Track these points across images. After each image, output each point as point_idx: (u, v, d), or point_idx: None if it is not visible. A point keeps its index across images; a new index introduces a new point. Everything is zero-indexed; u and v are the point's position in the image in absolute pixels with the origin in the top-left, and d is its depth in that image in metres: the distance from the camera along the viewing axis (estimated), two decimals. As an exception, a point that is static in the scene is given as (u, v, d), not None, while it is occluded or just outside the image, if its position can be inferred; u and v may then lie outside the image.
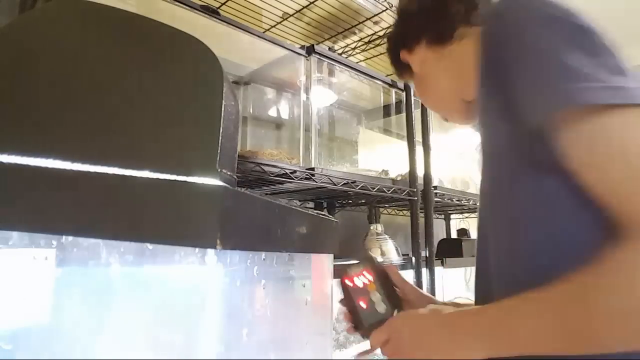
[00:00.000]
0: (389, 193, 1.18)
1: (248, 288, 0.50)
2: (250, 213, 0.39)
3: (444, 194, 1.39)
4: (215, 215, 0.34)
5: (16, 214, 0.31)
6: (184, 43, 0.40)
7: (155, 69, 0.40)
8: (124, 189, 0.33)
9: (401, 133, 1.42)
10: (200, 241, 0.35)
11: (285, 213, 0.47)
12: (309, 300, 0.59)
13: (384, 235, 1.37)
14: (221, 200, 0.34)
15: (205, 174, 0.35)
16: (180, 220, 0.33)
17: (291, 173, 0.93)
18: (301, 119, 1.10)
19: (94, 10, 0.40)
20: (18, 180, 0.31)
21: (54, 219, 0.31)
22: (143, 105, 0.38)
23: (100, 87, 0.37)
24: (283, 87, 1.29)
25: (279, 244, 0.45)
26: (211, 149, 0.36)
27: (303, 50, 1.09)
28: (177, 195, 0.34)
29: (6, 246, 0.33)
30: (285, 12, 1.31)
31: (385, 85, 1.39)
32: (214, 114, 0.38)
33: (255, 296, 0.52)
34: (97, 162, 0.33)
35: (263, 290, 0.51)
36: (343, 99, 1.46)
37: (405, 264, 1.25)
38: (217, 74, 0.39)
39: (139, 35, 0.41)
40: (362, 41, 1.51)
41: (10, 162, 0.31)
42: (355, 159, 1.57)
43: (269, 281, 0.52)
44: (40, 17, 0.40)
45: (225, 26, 0.94)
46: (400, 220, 1.82)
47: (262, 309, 0.53)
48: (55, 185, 0.32)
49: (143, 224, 0.33)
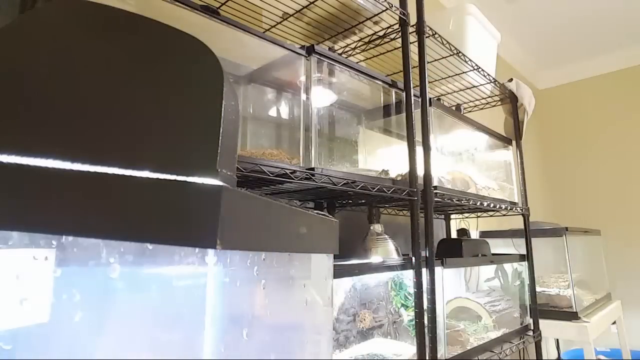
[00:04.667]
0: (389, 193, 1.18)
1: (248, 288, 0.50)
2: (250, 213, 0.39)
3: (444, 194, 1.39)
4: (215, 215, 0.34)
5: (16, 214, 0.31)
6: (184, 43, 0.40)
7: (155, 68, 0.40)
8: (123, 189, 0.33)
9: (401, 133, 1.42)
10: (200, 241, 0.35)
11: (285, 213, 0.47)
12: (309, 300, 0.59)
13: (384, 235, 1.37)
14: (221, 200, 0.34)
15: (205, 174, 0.35)
16: (180, 220, 0.33)
17: (291, 173, 0.94)
18: (301, 119, 1.10)
19: (94, 10, 0.40)
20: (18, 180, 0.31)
21: (54, 219, 0.31)
22: (143, 105, 0.38)
23: (100, 86, 0.37)
24: (283, 87, 1.29)
25: (279, 244, 0.45)
26: (211, 149, 0.36)
27: (303, 50, 1.09)
28: (177, 195, 0.34)
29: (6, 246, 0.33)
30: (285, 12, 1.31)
31: (385, 85, 1.39)
32: (214, 114, 0.38)
33: (255, 296, 0.52)
34: (97, 162, 0.33)
35: (263, 290, 0.51)
36: (343, 99, 1.46)
37: (405, 264, 1.25)
38: (217, 74, 0.39)
39: (139, 35, 0.41)
40: (362, 41, 1.51)
41: (10, 162, 0.31)
42: (355, 159, 1.57)
43: (269, 281, 0.52)
44: (40, 17, 0.40)
45: (225, 26, 0.94)
46: (400, 220, 1.82)
47: (262, 309, 0.53)
48: (55, 185, 0.32)
49: (143, 224, 0.33)
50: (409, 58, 1.35)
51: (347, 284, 1.46)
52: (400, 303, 1.65)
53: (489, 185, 1.90)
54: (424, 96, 1.35)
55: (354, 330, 1.44)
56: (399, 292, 1.66)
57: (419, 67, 1.37)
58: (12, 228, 0.32)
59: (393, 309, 1.63)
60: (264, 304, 0.52)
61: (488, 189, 1.85)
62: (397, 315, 1.62)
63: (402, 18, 1.36)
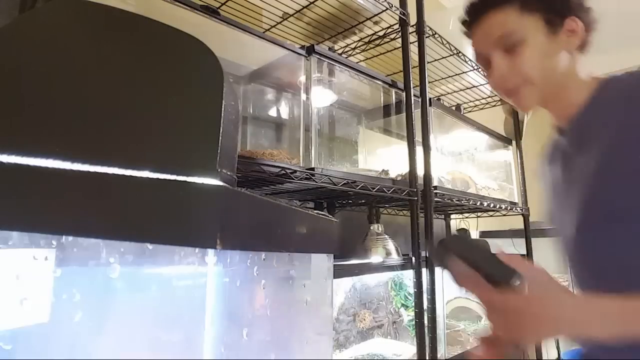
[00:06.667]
0: (389, 193, 1.18)
1: (248, 288, 0.50)
2: (250, 213, 0.39)
3: (444, 194, 1.39)
4: (215, 215, 0.34)
5: (16, 214, 0.31)
6: (184, 43, 0.40)
7: (155, 68, 0.40)
8: (124, 189, 0.33)
9: (401, 133, 1.42)
10: (200, 241, 0.35)
11: (285, 213, 0.47)
12: (309, 300, 0.59)
13: (384, 235, 1.37)
14: (221, 200, 0.34)
15: (205, 174, 0.35)
16: (180, 220, 0.33)
17: (291, 173, 0.93)
18: (301, 119, 1.10)
19: (94, 10, 0.40)
20: (18, 180, 0.31)
21: (54, 219, 0.31)
22: (143, 105, 0.38)
23: (100, 86, 0.37)
24: (283, 87, 1.29)
25: (279, 244, 0.45)
26: (211, 149, 0.36)
27: (303, 50, 1.09)
28: (177, 195, 0.34)
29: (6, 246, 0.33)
30: (285, 12, 1.31)
31: (385, 85, 1.39)
32: (214, 114, 0.38)
33: (255, 296, 0.52)
34: (97, 162, 0.33)
35: (263, 290, 0.51)
36: (343, 99, 1.46)
37: (405, 264, 1.25)
38: (217, 74, 0.39)
39: (139, 35, 0.41)
40: (362, 41, 1.51)
41: (11, 162, 0.31)
42: (355, 159, 1.57)
43: (269, 281, 0.52)
44: (40, 17, 0.40)
45: (225, 26, 0.94)
46: (400, 220, 1.82)
47: (262, 309, 0.53)
48: (55, 185, 0.32)
49: (143, 224, 0.33)
50: (409, 58, 1.35)
51: (347, 284, 1.46)
52: (400, 303, 1.65)
53: (488, 185, 1.90)
54: (424, 96, 1.35)
55: (354, 330, 1.43)
56: (399, 292, 1.66)
57: (419, 67, 1.37)
58: (12, 228, 0.32)
59: (393, 309, 1.63)
60: (264, 303, 0.52)
61: (488, 189, 1.85)
62: (397, 315, 1.62)
63: (402, 18, 1.36)
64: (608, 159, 0.57)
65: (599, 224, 0.59)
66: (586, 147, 0.61)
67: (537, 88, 0.64)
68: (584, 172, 0.61)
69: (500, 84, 0.66)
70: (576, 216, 0.61)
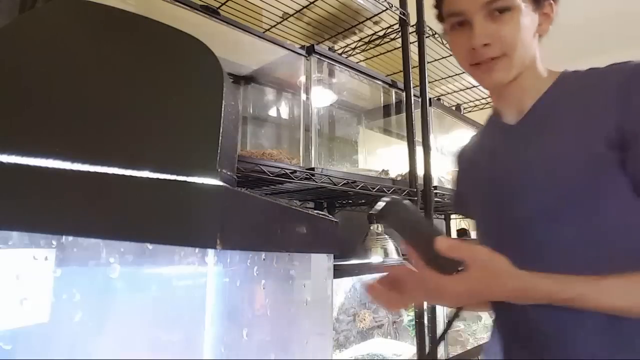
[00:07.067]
0: (389, 193, 1.18)
1: (248, 288, 0.50)
2: (250, 213, 0.39)
3: (444, 194, 1.39)
4: (215, 215, 0.34)
5: (16, 214, 0.31)
6: (184, 43, 0.40)
7: (155, 68, 0.40)
8: (124, 189, 0.33)
9: (401, 133, 1.42)
10: (200, 241, 0.35)
11: (285, 213, 0.47)
12: (309, 300, 0.59)
13: (384, 235, 1.37)
14: (221, 200, 0.34)
15: (205, 174, 0.35)
16: (180, 220, 0.33)
17: (291, 173, 0.93)
18: (301, 119, 1.10)
19: (94, 10, 0.40)
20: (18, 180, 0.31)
21: (54, 219, 0.31)
22: (143, 105, 0.38)
23: (101, 87, 0.37)
24: (283, 87, 1.29)
25: (279, 244, 0.45)
26: (211, 149, 0.36)
27: (303, 50, 1.09)
28: (177, 195, 0.34)
29: (6, 246, 0.33)
30: (285, 12, 1.31)
31: (385, 85, 1.39)
32: (214, 114, 0.38)
33: (255, 296, 0.52)
34: (97, 162, 0.33)
35: (263, 290, 0.51)
36: (343, 99, 1.46)
37: (405, 264, 1.25)
38: (217, 74, 0.39)
39: (139, 35, 0.41)
40: (362, 41, 1.51)
41: (11, 162, 0.31)
42: (355, 159, 1.57)
43: (269, 281, 0.52)
44: (40, 17, 0.40)
45: (225, 26, 0.94)
46: (400, 220, 1.82)
47: (262, 309, 0.53)
48: (55, 185, 0.32)
49: (143, 224, 0.33)
50: (409, 58, 1.35)
51: (347, 284, 1.46)
52: (400, 303, 1.65)
53: (489, 185, 1.89)
54: (424, 96, 1.35)
55: (354, 330, 1.43)
56: (399, 292, 1.66)
57: (419, 67, 1.37)
58: (12, 228, 0.32)
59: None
60: (264, 303, 0.52)
61: (488, 189, 1.84)
62: (397, 315, 1.62)
63: (402, 18, 1.36)
64: (565, 148, 0.57)
65: (549, 209, 0.58)
66: (547, 131, 0.61)
67: (512, 62, 0.61)
68: (536, 158, 0.60)
69: (478, 50, 0.61)
70: (520, 202, 0.61)
